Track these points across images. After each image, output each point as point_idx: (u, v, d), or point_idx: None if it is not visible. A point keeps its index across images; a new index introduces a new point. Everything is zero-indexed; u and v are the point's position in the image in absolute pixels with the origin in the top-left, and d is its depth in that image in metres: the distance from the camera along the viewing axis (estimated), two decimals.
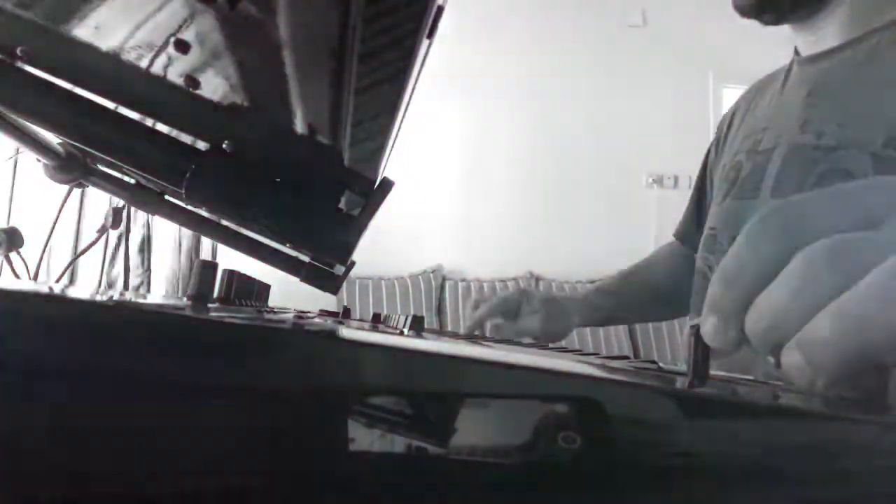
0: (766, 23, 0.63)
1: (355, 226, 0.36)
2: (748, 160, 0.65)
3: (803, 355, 0.19)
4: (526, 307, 0.82)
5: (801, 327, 0.19)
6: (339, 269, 0.49)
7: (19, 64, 0.33)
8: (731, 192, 0.67)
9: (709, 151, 0.83)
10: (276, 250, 0.51)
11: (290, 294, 0.76)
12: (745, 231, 0.21)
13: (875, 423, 0.20)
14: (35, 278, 0.66)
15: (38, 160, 0.48)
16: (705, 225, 0.74)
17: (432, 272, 2.72)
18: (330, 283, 0.50)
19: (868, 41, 0.54)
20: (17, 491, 0.15)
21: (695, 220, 0.83)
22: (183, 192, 0.34)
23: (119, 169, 0.50)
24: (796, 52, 0.66)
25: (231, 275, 0.39)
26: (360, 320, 0.80)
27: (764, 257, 0.20)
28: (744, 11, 0.62)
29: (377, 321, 0.68)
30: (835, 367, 0.18)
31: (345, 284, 2.21)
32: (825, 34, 0.59)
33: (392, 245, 2.58)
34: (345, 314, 0.73)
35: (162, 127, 0.38)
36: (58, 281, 0.77)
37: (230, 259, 0.49)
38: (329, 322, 0.44)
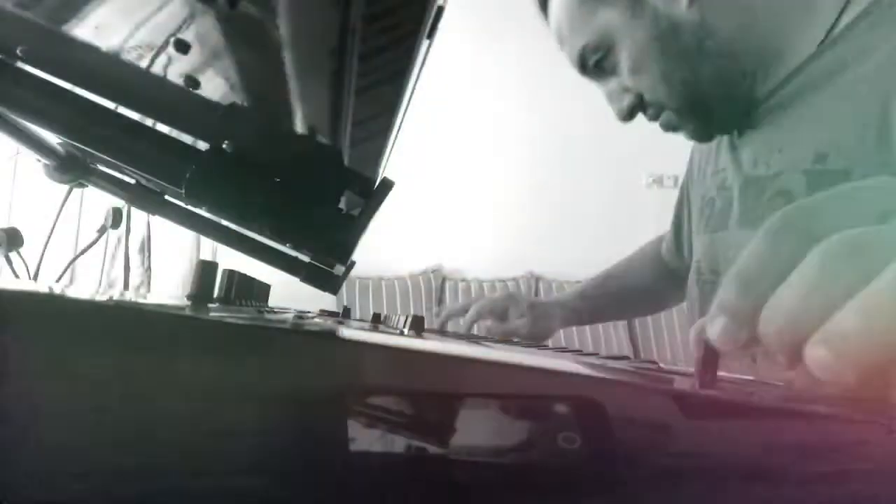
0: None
1: (355, 226, 0.36)
2: (718, 196, 0.72)
3: (830, 349, 0.18)
4: (513, 311, 0.91)
5: (821, 323, 0.19)
6: (339, 269, 0.49)
7: (19, 64, 0.33)
8: (707, 226, 0.73)
9: (683, 185, 0.89)
10: (276, 250, 0.51)
11: (290, 294, 0.76)
12: (761, 232, 0.22)
13: (875, 422, 0.20)
14: (35, 278, 0.66)
15: (38, 160, 0.48)
16: (692, 254, 0.80)
17: (432, 272, 2.72)
18: (330, 283, 0.50)
19: (789, 83, 0.62)
20: (18, 490, 0.15)
21: (675, 248, 0.92)
22: (183, 192, 0.34)
23: (119, 169, 0.50)
24: None
25: (231, 275, 0.39)
26: (360, 320, 0.80)
27: (779, 257, 0.21)
28: (702, 141, 0.72)
29: (377, 321, 0.68)
30: (864, 359, 0.18)
31: (345, 284, 2.21)
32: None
33: (392, 245, 2.57)
34: (345, 314, 0.73)
35: (162, 127, 0.38)
36: (58, 281, 0.77)
37: (230, 259, 0.49)
38: (329, 322, 0.44)
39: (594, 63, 0.68)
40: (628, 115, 0.70)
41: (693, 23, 0.61)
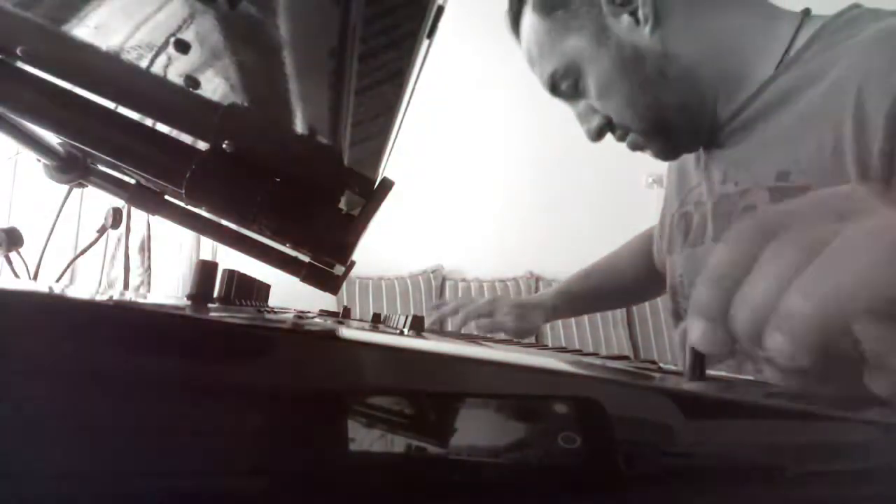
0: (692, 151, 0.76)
1: (355, 226, 0.36)
2: (696, 211, 0.75)
3: (783, 333, 0.19)
4: (499, 310, 0.96)
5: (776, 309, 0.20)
6: (339, 269, 0.49)
7: (19, 64, 0.33)
8: (686, 241, 0.76)
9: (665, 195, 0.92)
10: (276, 250, 0.51)
11: (290, 294, 0.76)
12: (728, 236, 0.23)
13: (874, 423, 0.20)
14: (35, 278, 0.66)
15: (38, 160, 0.48)
16: (668, 266, 0.83)
17: (432, 272, 2.72)
18: (330, 283, 0.49)
19: (750, 105, 0.65)
20: (17, 490, 0.15)
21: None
22: (183, 192, 0.34)
23: (119, 169, 0.50)
24: None
25: (231, 275, 0.39)
26: (360, 320, 0.80)
27: (744, 257, 0.21)
28: (667, 159, 0.76)
29: (377, 321, 0.68)
30: (814, 336, 0.18)
31: (345, 284, 2.21)
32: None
33: (392, 245, 2.57)
34: (345, 314, 0.73)
35: (162, 127, 0.38)
36: (58, 281, 0.77)
37: (230, 259, 0.49)
38: (329, 322, 0.44)
39: (565, 87, 0.72)
40: (597, 136, 0.75)
41: (655, 51, 0.65)
